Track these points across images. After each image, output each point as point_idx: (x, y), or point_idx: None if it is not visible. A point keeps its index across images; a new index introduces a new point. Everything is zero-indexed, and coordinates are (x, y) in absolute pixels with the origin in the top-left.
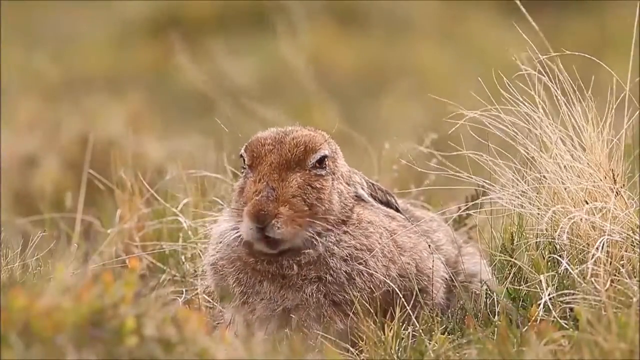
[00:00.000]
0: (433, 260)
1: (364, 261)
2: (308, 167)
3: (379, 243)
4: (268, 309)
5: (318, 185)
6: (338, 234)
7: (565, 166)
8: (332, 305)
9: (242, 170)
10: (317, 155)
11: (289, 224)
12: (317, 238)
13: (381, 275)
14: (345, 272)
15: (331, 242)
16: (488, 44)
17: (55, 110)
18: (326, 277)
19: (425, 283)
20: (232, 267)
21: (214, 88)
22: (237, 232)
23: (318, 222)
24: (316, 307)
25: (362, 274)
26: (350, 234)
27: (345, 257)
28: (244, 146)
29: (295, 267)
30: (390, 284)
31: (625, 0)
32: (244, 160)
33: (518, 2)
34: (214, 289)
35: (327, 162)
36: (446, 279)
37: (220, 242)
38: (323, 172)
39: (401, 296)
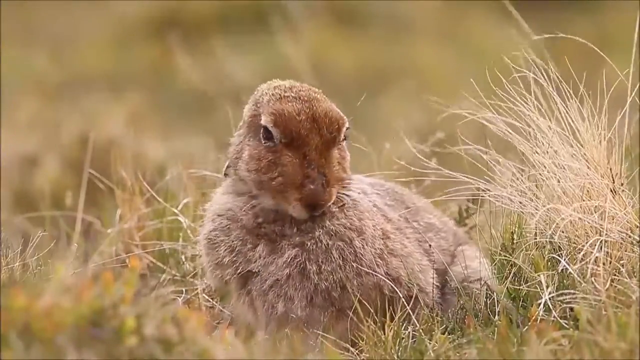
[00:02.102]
0: (433, 275)
1: (349, 239)
2: (339, 142)
3: (371, 230)
4: (260, 289)
5: (345, 155)
6: (331, 211)
7: (563, 166)
8: (298, 276)
9: (265, 142)
10: (344, 129)
11: (334, 195)
12: (346, 196)
13: (368, 260)
14: (326, 244)
15: (324, 214)
16: (488, 44)
17: (55, 110)
18: (307, 244)
19: (417, 291)
20: (227, 237)
21: (214, 87)
22: (258, 205)
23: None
24: (287, 277)
25: (343, 250)
26: (343, 213)
27: (331, 232)
28: (270, 118)
29: (295, 228)
30: (379, 275)
31: (626, 0)
32: (267, 130)
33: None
34: (206, 264)
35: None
36: (438, 286)
37: (219, 216)
38: (345, 142)
39: (400, 295)
